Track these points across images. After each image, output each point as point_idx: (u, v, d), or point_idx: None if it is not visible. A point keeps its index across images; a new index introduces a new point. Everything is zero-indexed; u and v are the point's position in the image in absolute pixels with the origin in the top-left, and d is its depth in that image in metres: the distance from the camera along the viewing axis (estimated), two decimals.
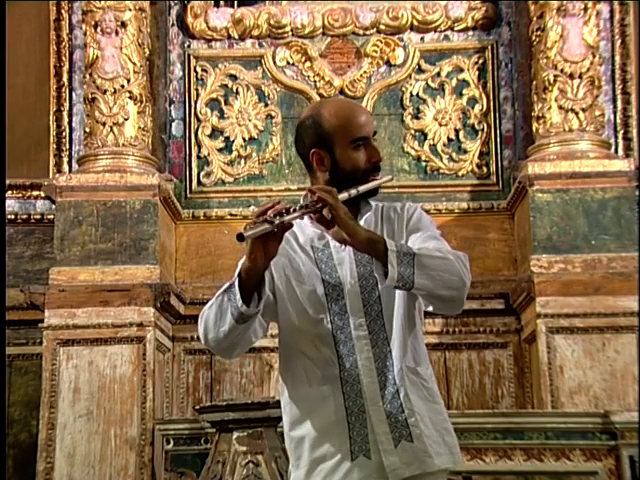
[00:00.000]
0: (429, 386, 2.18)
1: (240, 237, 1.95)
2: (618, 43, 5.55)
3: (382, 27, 5.60)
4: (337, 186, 2.13)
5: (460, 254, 2.13)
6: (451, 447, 2.17)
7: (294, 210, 2.02)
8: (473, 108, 5.56)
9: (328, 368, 2.13)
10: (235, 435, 3.95)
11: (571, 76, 5.05)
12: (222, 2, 5.76)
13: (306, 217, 2.13)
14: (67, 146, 5.63)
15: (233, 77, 5.64)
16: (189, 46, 5.67)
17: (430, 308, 2.19)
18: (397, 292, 2.14)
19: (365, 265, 2.15)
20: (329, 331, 2.14)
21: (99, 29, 5.11)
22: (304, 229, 2.21)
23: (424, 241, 2.16)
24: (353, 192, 2.14)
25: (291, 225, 2.04)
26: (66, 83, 5.65)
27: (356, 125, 2.19)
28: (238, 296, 2.03)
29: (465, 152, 5.54)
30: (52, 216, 5.16)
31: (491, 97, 5.56)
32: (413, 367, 2.16)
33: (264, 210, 2.02)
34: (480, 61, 5.60)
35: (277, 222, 1.98)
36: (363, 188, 2.17)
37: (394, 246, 2.04)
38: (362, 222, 2.19)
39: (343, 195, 2.11)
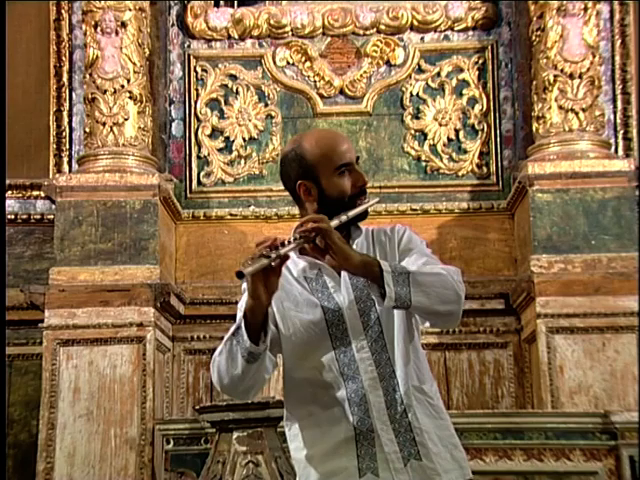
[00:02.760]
0: (434, 403, 2.20)
1: (240, 275, 1.97)
2: (618, 43, 5.55)
3: (382, 27, 5.60)
4: (326, 214, 2.16)
5: (452, 269, 2.17)
6: (460, 461, 2.21)
7: (289, 242, 2.04)
8: (473, 108, 5.56)
9: (335, 391, 2.15)
10: (235, 435, 3.95)
11: (571, 76, 5.05)
12: (222, 2, 5.75)
13: (295, 251, 2.14)
14: (67, 146, 5.63)
15: (233, 77, 5.64)
16: (189, 46, 5.67)
17: (427, 324, 2.22)
18: (395, 311, 2.17)
19: (361, 288, 2.17)
20: (332, 356, 2.16)
21: (99, 29, 5.11)
22: (296, 261, 2.23)
23: (416, 260, 2.19)
24: (343, 218, 2.17)
25: (287, 257, 2.06)
26: (66, 83, 5.65)
27: (338, 152, 2.21)
28: (245, 337, 2.05)
29: (465, 152, 5.54)
30: (52, 216, 5.16)
31: (491, 97, 5.56)
32: (419, 386, 2.18)
33: (260, 247, 2.04)
34: (480, 61, 5.60)
35: (274, 256, 2.00)
36: (352, 213, 2.19)
37: (389, 267, 2.07)
38: (354, 247, 2.22)
39: (334, 222, 2.13)
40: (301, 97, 5.62)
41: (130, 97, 5.09)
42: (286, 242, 2.04)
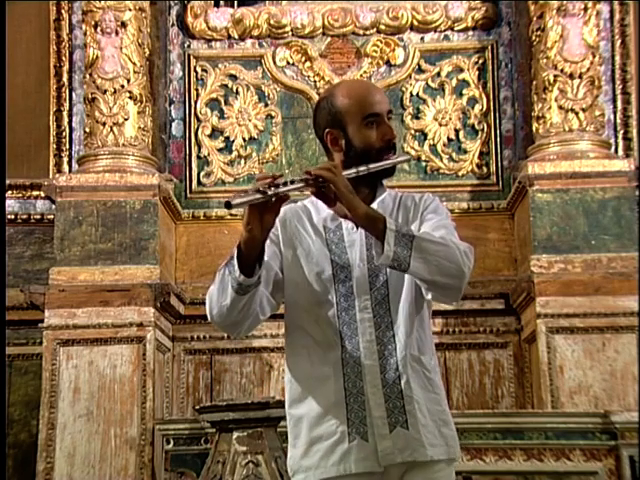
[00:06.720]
0: (430, 376, 2.17)
1: (228, 205, 1.93)
2: (618, 43, 5.55)
3: (382, 27, 5.60)
4: (352, 166, 2.13)
5: (465, 244, 2.13)
6: (447, 439, 2.16)
7: (291, 182, 2.00)
8: (473, 108, 5.56)
9: (330, 349, 2.14)
10: (235, 435, 3.95)
11: (571, 76, 5.05)
12: (222, 2, 5.76)
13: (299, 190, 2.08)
14: (67, 146, 5.63)
15: (233, 77, 5.64)
16: (189, 46, 5.67)
17: (429, 296, 2.17)
18: (406, 278, 2.13)
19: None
20: (334, 312, 2.14)
21: (99, 29, 5.11)
22: (319, 209, 2.21)
23: (433, 228, 2.16)
24: (362, 169, 2.14)
25: (287, 197, 2.02)
26: (66, 83, 5.65)
27: (368, 102, 2.20)
28: (236, 267, 2.03)
29: (465, 152, 5.54)
30: (52, 216, 5.16)
31: (491, 97, 5.56)
32: (417, 355, 2.15)
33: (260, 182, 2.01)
34: (480, 61, 5.60)
35: (270, 193, 1.96)
36: (374, 166, 2.16)
37: (394, 225, 2.03)
38: (375, 205, 2.19)
39: (351, 171, 2.11)
40: (301, 97, 5.62)
41: (130, 97, 5.09)
42: (288, 182, 2.00)
